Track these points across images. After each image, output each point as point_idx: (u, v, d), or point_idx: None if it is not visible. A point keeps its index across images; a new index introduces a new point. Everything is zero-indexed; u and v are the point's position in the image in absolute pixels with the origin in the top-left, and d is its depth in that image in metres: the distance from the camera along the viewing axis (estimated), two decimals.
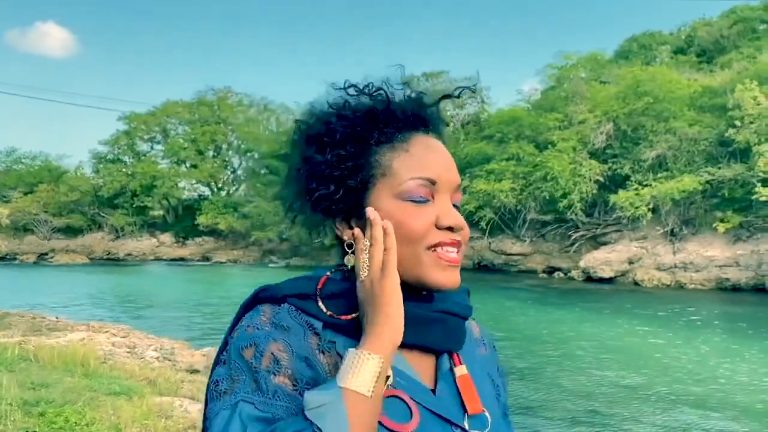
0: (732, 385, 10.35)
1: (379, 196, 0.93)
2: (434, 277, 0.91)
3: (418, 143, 0.96)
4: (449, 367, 0.97)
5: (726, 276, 24.85)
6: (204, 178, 49.98)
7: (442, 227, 0.92)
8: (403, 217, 0.91)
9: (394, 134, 0.96)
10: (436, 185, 0.93)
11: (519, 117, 33.46)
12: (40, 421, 5.03)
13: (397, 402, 0.88)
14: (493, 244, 33.39)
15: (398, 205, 0.92)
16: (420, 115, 0.99)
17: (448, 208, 0.94)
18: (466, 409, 0.94)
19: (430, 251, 0.91)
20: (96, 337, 10.96)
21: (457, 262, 0.93)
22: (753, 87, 25.18)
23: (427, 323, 0.94)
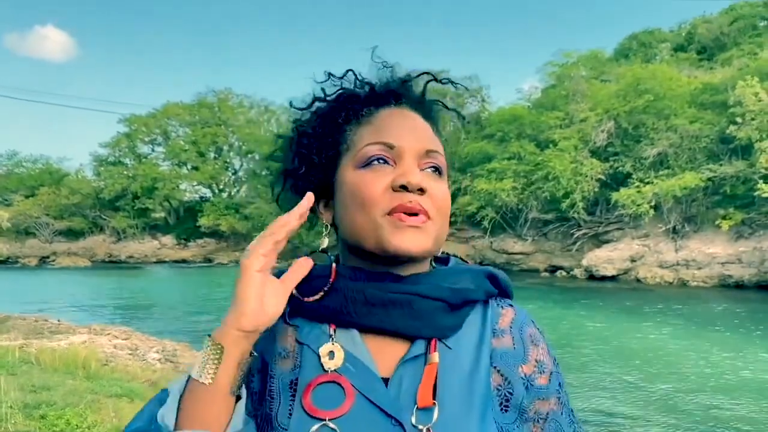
0: (736, 383, 10.32)
1: (342, 171, 0.93)
2: (391, 239, 0.86)
3: (384, 115, 0.95)
4: (420, 354, 0.89)
5: (729, 273, 24.81)
6: (205, 180, 50.01)
7: (396, 187, 0.87)
8: (358, 184, 0.89)
9: (360, 110, 0.96)
10: (396, 149, 0.90)
11: (520, 116, 33.45)
12: (41, 423, 5.01)
13: (334, 387, 0.85)
14: (495, 244, 33.37)
15: (357, 174, 0.90)
16: (390, 90, 0.98)
17: (408, 168, 0.89)
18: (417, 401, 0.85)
19: (386, 217, 0.87)
20: (98, 340, 10.95)
21: (417, 222, 0.87)
22: (754, 83, 25.13)
23: (385, 305, 0.88)
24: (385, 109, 0.96)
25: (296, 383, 0.87)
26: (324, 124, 0.97)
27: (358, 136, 0.94)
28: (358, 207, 0.89)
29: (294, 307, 0.91)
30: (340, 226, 0.94)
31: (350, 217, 0.90)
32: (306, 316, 0.92)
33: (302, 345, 0.90)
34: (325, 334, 0.90)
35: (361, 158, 0.91)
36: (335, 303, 0.90)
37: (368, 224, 0.88)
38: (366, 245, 0.89)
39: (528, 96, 38.07)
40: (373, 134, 0.92)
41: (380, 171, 0.89)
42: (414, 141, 0.92)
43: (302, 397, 0.85)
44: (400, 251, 0.87)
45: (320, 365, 0.87)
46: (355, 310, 0.89)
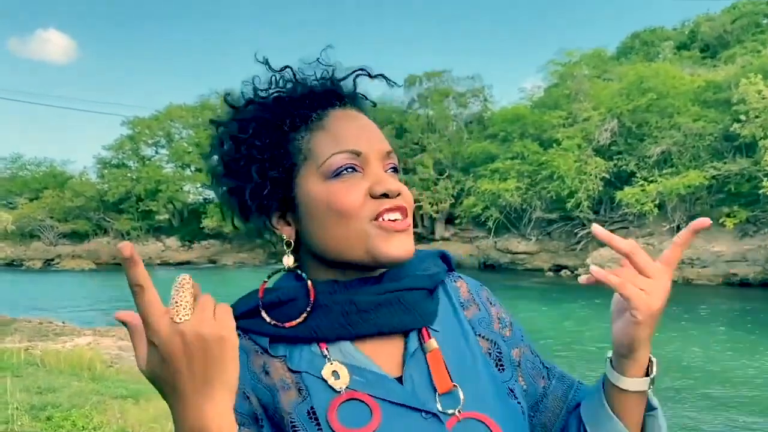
0: (741, 380, 10.29)
1: (306, 182, 0.89)
2: (383, 248, 0.85)
3: (335, 118, 0.92)
4: (417, 346, 0.90)
5: (733, 271, 24.74)
6: (209, 182, 49.95)
7: (376, 195, 0.86)
8: (332, 197, 0.86)
9: (308, 114, 0.92)
10: (362, 155, 0.88)
11: (522, 115, 33.41)
12: (47, 425, 5.02)
13: (355, 404, 0.83)
14: (499, 243, 33.34)
15: (326, 185, 0.87)
16: (332, 91, 0.95)
17: (380, 175, 0.88)
18: (437, 388, 0.87)
19: (373, 223, 0.86)
20: (102, 341, 10.98)
21: (404, 226, 0.87)
22: (757, 81, 25.06)
23: (377, 308, 0.88)
24: (331, 111, 0.93)
25: (313, 412, 0.82)
26: (268, 132, 0.91)
27: (315, 144, 0.89)
28: (337, 218, 0.86)
29: (273, 337, 0.87)
30: (311, 240, 0.90)
31: (327, 230, 0.87)
32: (289, 342, 0.87)
33: (299, 373, 0.85)
34: (318, 355, 0.86)
35: (328, 169, 0.87)
36: (323, 321, 0.87)
37: (353, 234, 0.86)
38: (352, 256, 0.87)
39: (530, 95, 38.04)
40: (334, 142, 0.88)
41: (352, 179, 0.87)
42: (374, 144, 0.90)
43: (330, 422, 0.81)
44: (393, 258, 0.87)
45: (329, 388, 0.84)
46: (349, 322, 0.87)
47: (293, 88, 0.94)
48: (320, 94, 0.93)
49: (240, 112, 0.94)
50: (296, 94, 0.93)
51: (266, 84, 0.95)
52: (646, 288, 0.87)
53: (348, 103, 0.95)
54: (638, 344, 0.87)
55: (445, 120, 39.13)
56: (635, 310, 0.85)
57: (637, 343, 0.87)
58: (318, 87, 0.94)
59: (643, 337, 0.87)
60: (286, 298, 0.88)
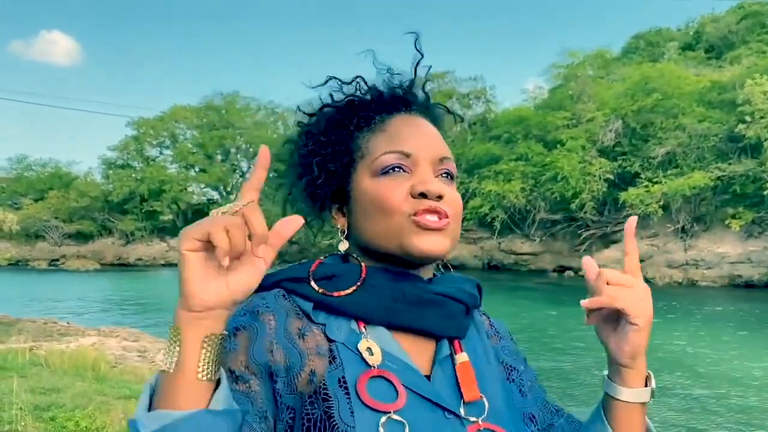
0: (747, 382, 10.26)
1: (359, 178, 0.96)
2: (414, 242, 0.90)
3: (396, 122, 0.98)
4: (448, 354, 0.94)
5: (738, 273, 24.68)
6: (213, 182, 50.13)
7: (415, 194, 0.91)
8: (378, 192, 0.92)
9: (373, 117, 0.99)
10: (412, 157, 0.94)
11: (526, 116, 33.40)
12: (50, 425, 5.03)
13: (383, 382, 0.86)
14: (503, 244, 33.32)
15: (375, 182, 0.93)
16: (399, 97, 1.02)
17: (425, 177, 0.93)
18: (463, 396, 0.91)
19: (411, 219, 0.90)
20: (107, 342, 11.00)
21: (439, 226, 0.91)
22: (763, 81, 25.01)
23: (422, 304, 0.92)
24: (395, 116, 1.00)
25: (344, 381, 0.85)
26: (335, 131, 0.99)
27: (373, 143, 0.96)
28: (380, 213, 0.92)
29: (316, 303, 0.91)
30: (358, 231, 0.96)
31: (371, 223, 0.93)
32: (331, 312, 0.91)
33: (334, 342, 0.88)
34: (355, 332, 0.90)
35: (378, 166, 0.94)
36: (368, 300, 0.91)
37: (392, 228, 0.91)
38: (389, 248, 0.92)
39: (534, 96, 38.01)
40: (389, 143, 0.95)
41: (398, 178, 0.93)
42: (428, 148, 0.96)
43: (359, 393, 0.84)
44: (424, 253, 0.90)
45: (362, 361, 0.87)
46: (395, 308, 0.91)
47: (364, 93, 1.02)
48: (387, 100, 1.01)
49: (317, 111, 1.03)
50: (365, 99, 1.02)
51: (340, 87, 1.03)
52: (636, 295, 0.90)
53: (415, 110, 1.02)
54: (640, 351, 0.90)
55: (449, 121, 39.11)
56: (636, 317, 0.88)
57: (639, 349, 0.90)
58: (387, 93, 1.02)
59: (644, 343, 0.90)
60: (338, 273, 0.93)
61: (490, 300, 7.55)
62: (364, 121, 0.99)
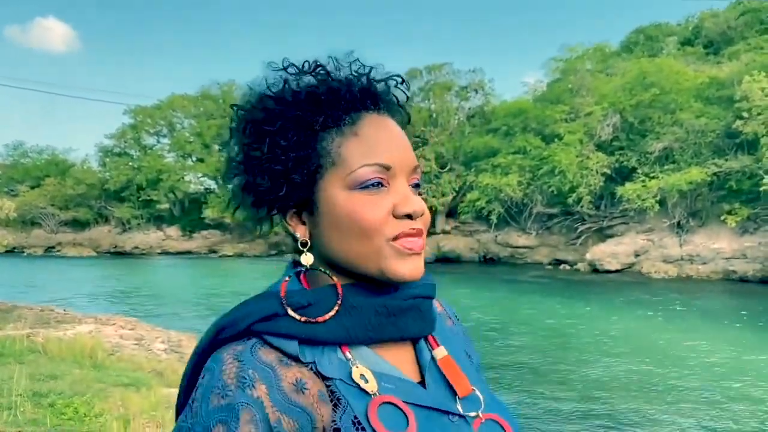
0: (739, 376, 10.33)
1: (329, 188, 0.85)
2: (396, 268, 0.83)
3: (368, 124, 0.87)
4: (429, 352, 0.91)
5: (733, 268, 24.78)
6: (210, 172, 50.01)
7: (399, 215, 0.84)
8: (356, 209, 0.83)
9: (341, 116, 0.87)
10: (391, 170, 0.85)
11: (525, 109, 33.39)
12: (49, 412, 5.07)
13: (390, 408, 0.81)
14: (499, 237, 33.38)
15: (350, 196, 0.84)
16: (369, 92, 0.89)
17: (405, 193, 0.85)
18: (456, 392, 0.88)
19: (390, 243, 0.83)
20: (104, 330, 11.03)
21: (419, 249, 0.86)
22: (761, 78, 25.03)
23: (404, 312, 0.87)
24: (365, 115, 0.88)
25: (358, 421, 0.79)
26: (297, 130, 0.86)
27: (346, 151, 0.85)
28: (357, 233, 0.83)
29: (302, 339, 0.81)
30: (326, 247, 0.87)
31: (345, 242, 0.85)
32: (315, 344, 0.82)
33: (331, 380, 0.81)
34: (342, 360, 0.83)
35: (355, 180, 0.84)
36: (354, 320, 0.84)
37: (370, 251, 0.84)
38: (366, 270, 0.85)
39: (533, 90, 37.97)
40: (366, 153, 0.84)
41: (377, 194, 0.84)
42: (404, 158, 0.87)
43: (373, 425, 0.78)
44: (405, 279, 0.85)
45: (362, 392, 0.81)
46: (379, 323, 0.85)
47: (329, 87, 0.88)
48: (355, 95, 0.88)
49: (268, 102, 0.88)
50: (332, 93, 0.87)
51: (296, 75, 0.89)
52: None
53: (383, 108, 0.91)
54: None
55: (447, 114, 39.10)
56: None
57: None
58: (355, 87, 0.89)
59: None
60: (313, 300, 0.84)
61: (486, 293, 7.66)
62: (331, 120, 0.86)
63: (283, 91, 0.88)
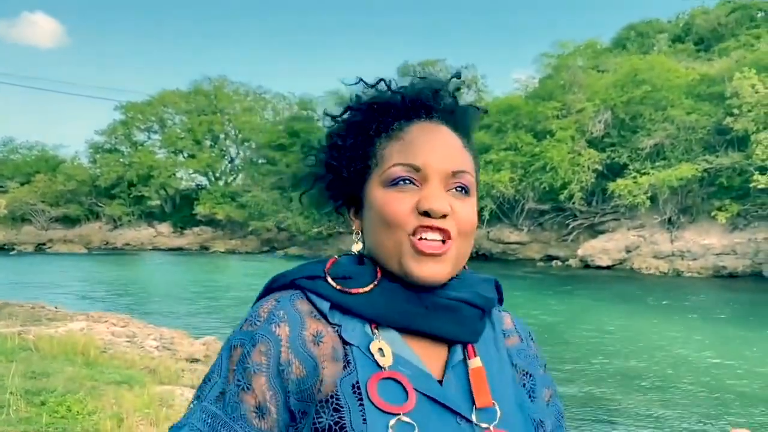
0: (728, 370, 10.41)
1: (371, 186, 0.94)
2: (412, 267, 0.88)
3: (415, 130, 0.94)
4: (461, 359, 0.92)
5: (723, 264, 24.94)
6: (201, 168, 49.94)
7: (420, 211, 0.89)
8: (385, 203, 0.90)
9: (391, 122, 0.96)
10: (422, 171, 0.90)
11: (516, 106, 33.41)
12: (42, 410, 5.05)
13: (394, 384, 0.85)
14: (492, 233, 33.44)
15: (383, 193, 0.91)
16: (421, 102, 0.96)
17: (432, 193, 0.89)
18: (475, 402, 0.89)
19: (410, 238, 0.88)
20: (95, 327, 10.98)
21: (440, 251, 0.89)
22: (751, 75, 25.15)
23: (436, 310, 0.90)
24: (415, 122, 0.95)
25: (357, 387, 0.84)
26: (355, 135, 0.97)
27: (387, 152, 0.93)
28: (384, 226, 0.90)
29: (333, 304, 0.90)
30: (367, 239, 0.95)
31: (376, 235, 0.92)
32: (346, 313, 0.89)
33: (350, 345, 0.87)
34: (368, 334, 0.89)
35: (387, 177, 0.91)
36: (382, 302, 0.90)
37: (392, 245, 0.89)
38: (388, 263, 0.91)
39: (525, 86, 38.01)
40: (401, 153, 0.92)
41: (406, 191, 0.90)
42: (441, 162, 0.91)
43: (369, 394, 0.83)
44: (420, 280, 0.89)
45: (374, 363, 0.86)
46: (409, 311, 0.89)
47: (387, 98, 0.98)
48: (405, 104, 0.96)
49: (342, 111, 1.01)
50: (387, 103, 0.97)
51: (365, 91, 1.01)
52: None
53: (437, 117, 0.97)
54: None
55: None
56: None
57: None
58: (409, 97, 0.97)
59: None
60: (353, 273, 0.92)
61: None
62: (383, 126, 0.96)
63: (355, 102, 1.00)
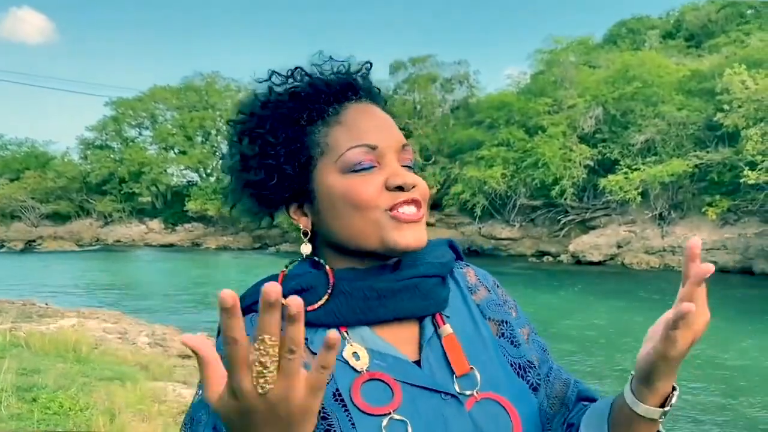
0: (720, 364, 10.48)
1: (322, 175, 0.91)
2: (396, 238, 0.88)
3: (351, 112, 0.94)
4: (433, 331, 0.93)
5: (713, 259, 25.06)
6: (193, 164, 49.71)
7: (391, 187, 0.89)
8: (350, 188, 0.89)
9: (324, 109, 0.94)
10: (378, 149, 0.91)
11: (508, 102, 33.45)
12: (33, 406, 5.03)
13: (377, 384, 0.86)
14: (483, 229, 33.50)
15: (344, 178, 0.90)
16: (348, 84, 0.96)
17: (395, 168, 0.91)
18: (455, 371, 0.90)
19: (387, 213, 0.89)
20: (87, 323, 10.96)
21: (417, 218, 0.90)
22: (741, 71, 25.26)
23: (395, 294, 0.91)
24: (347, 105, 0.95)
25: (339, 394, 0.84)
26: (284, 127, 0.93)
27: (333, 138, 0.92)
28: (354, 210, 0.89)
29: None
30: (328, 231, 0.93)
31: (345, 221, 0.90)
32: (310, 326, 0.85)
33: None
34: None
35: (345, 163, 0.90)
36: (343, 305, 0.89)
37: (368, 224, 0.89)
38: (367, 245, 0.90)
39: (516, 83, 38.06)
40: (351, 136, 0.91)
41: (368, 173, 0.90)
42: (390, 138, 0.93)
43: (354, 401, 0.83)
44: (405, 248, 0.89)
45: (351, 369, 0.86)
46: (369, 306, 0.90)
47: (309, 83, 0.95)
48: (336, 89, 0.95)
49: (257, 109, 0.95)
50: (312, 89, 0.95)
51: (281, 80, 0.97)
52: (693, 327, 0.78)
53: (363, 96, 0.97)
54: (659, 376, 0.80)
55: (431, 106, 39.10)
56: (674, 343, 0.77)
57: (658, 375, 0.80)
58: (334, 81, 0.96)
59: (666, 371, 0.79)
60: (307, 286, 0.90)
61: None
62: (316, 113, 0.93)
63: (269, 96, 0.95)
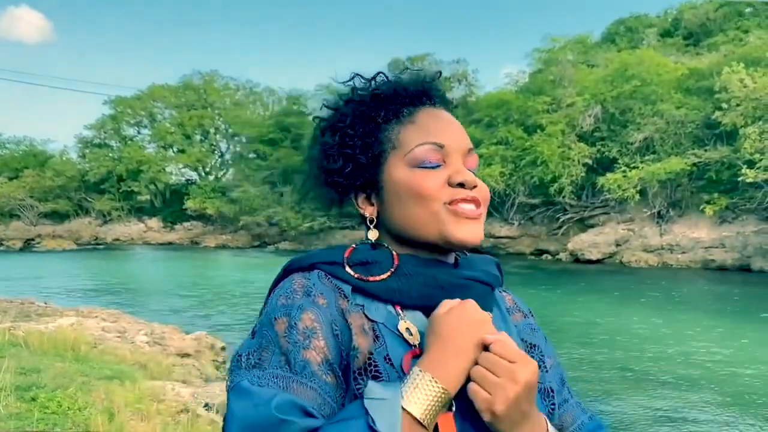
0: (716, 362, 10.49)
1: (391, 168, 1.00)
2: (454, 231, 0.95)
3: (424, 114, 1.02)
4: None
5: (711, 257, 25.13)
6: (191, 163, 49.72)
7: (453, 184, 0.96)
8: (415, 181, 0.97)
9: (400, 110, 1.03)
10: (445, 149, 0.99)
11: (507, 100, 33.45)
12: (32, 405, 5.03)
13: None
14: None
15: (412, 172, 0.98)
16: (423, 90, 1.05)
17: (459, 167, 0.99)
18: None
19: (447, 207, 0.96)
20: (85, 322, 10.93)
21: (475, 215, 0.97)
22: (740, 69, 25.27)
23: (453, 289, 0.97)
24: (421, 108, 1.04)
25: (389, 359, 0.90)
26: (363, 123, 1.02)
27: (405, 135, 1.00)
28: (417, 201, 0.96)
29: (355, 287, 0.95)
30: (391, 220, 1.00)
31: (407, 211, 0.98)
32: (367, 296, 0.95)
33: (375, 322, 0.93)
34: (392, 314, 0.95)
35: (414, 158, 0.98)
36: (402, 285, 0.96)
37: (429, 216, 0.96)
38: (426, 236, 0.97)
39: (515, 81, 38.06)
40: (422, 135, 0.99)
41: (434, 168, 0.98)
42: (458, 140, 1.01)
43: (405, 372, 0.89)
44: (462, 242, 0.96)
45: (403, 341, 0.93)
46: (428, 293, 0.96)
47: (389, 87, 1.05)
48: (412, 93, 1.04)
49: (340, 105, 1.06)
50: (392, 92, 1.04)
51: (363, 83, 1.07)
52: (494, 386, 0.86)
53: (437, 102, 1.06)
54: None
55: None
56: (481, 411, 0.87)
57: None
58: (411, 86, 1.05)
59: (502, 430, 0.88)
60: (373, 260, 0.98)
61: None
62: (392, 113, 1.03)
63: (352, 95, 1.06)
